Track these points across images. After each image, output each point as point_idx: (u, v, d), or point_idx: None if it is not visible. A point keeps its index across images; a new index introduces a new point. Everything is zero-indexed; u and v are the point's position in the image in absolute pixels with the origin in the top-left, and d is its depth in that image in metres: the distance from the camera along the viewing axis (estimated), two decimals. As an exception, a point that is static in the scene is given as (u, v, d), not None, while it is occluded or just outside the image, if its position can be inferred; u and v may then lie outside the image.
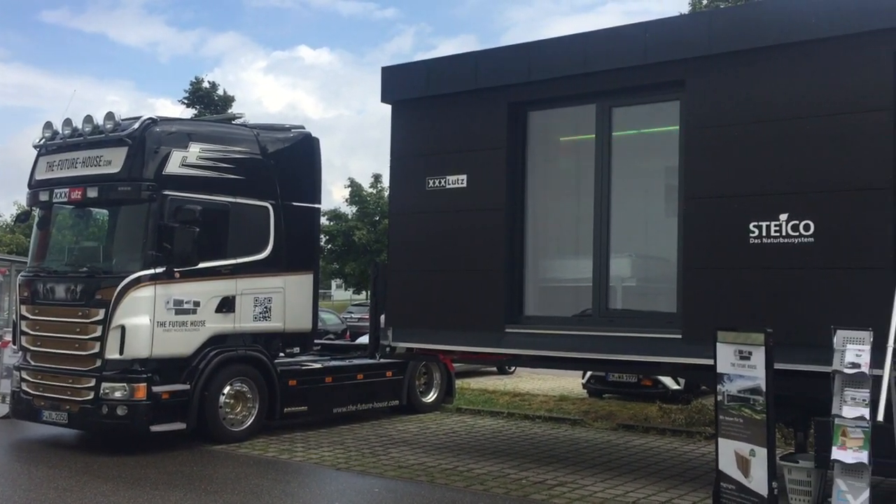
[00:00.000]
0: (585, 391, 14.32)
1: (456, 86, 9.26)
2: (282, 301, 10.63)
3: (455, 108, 9.28)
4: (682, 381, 12.80)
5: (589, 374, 13.91)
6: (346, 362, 11.87)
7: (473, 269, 8.96)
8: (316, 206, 11.65)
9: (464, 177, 9.12)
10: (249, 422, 10.10)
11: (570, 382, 15.38)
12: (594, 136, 8.64)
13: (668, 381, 13.15)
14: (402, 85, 9.75)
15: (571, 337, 8.45)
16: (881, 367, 6.01)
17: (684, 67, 7.81)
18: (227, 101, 43.16)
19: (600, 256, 8.53)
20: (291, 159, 11.18)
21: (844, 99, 7.02)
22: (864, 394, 6.02)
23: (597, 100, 8.55)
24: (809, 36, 7.15)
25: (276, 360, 10.66)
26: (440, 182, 9.26)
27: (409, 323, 9.34)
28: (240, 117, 11.97)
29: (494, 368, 18.15)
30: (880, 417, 5.82)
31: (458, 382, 14.37)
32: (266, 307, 10.46)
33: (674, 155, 8.14)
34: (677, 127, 8.07)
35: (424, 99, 9.51)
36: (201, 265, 9.76)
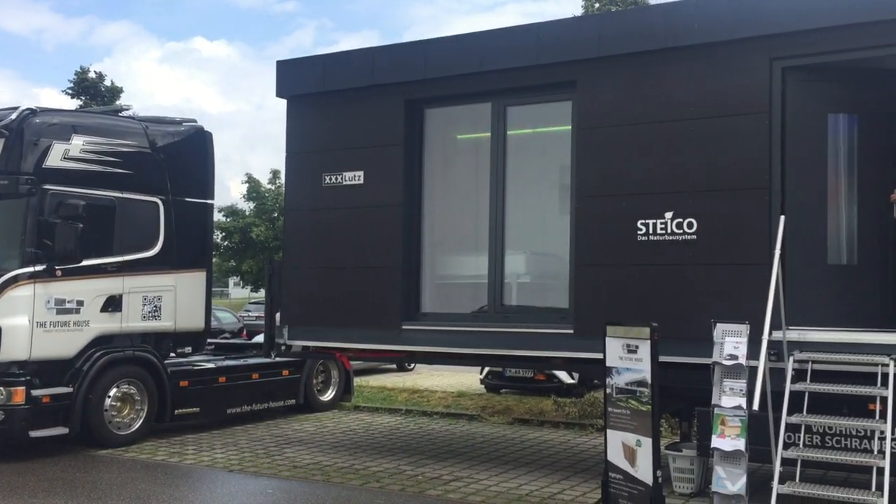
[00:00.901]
0: (483, 387, 14.50)
1: (352, 81, 9.20)
2: (172, 299, 10.31)
3: (352, 104, 9.22)
4: (576, 375, 13.12)
5: (486, 369, 14.10)
6: (241, 362, 11.63)
7: (370, 266, 8.92)
8: (209, 201, 11.33)
9: (360, 173, 9.08)
10: (137, 425, 9.76)
11: (469, 378, 15.54)
12: (490, 134, 8.75)
13: (562, 375, 13.44)
14: (297, 79, 9.61)
15: (468, 333, 8.52)
16: (757, 358, 6.32)
17: (575, 68, 7.99)
18: (115, 92, 41.58)
19: (496, 253, 8.64)
20: (183, 154, 10.84)
21: (725, 102, 7.33)
22: (742, 384, 6.31)
23: (492, 98, 8.65)
24: (692, 41, 7.44)
25: (167, 361, 10.33)
26: (337, 178, 9.18)
27: (304, 321, 9.23)
28: (127, 109, 11.54)
29: (394, 366, 18.13)
30: (756, 406, 6.11)
31: (357, 380, 14.30)
32: (155, 306, 10.13)
33: (567, 154, 8.31)
34: (570, 127, 8.26)
35: (321, 94, 9.40)
36: (85, 263, 9.36)
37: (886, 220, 7.32)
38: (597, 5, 20.63)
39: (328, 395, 12.65)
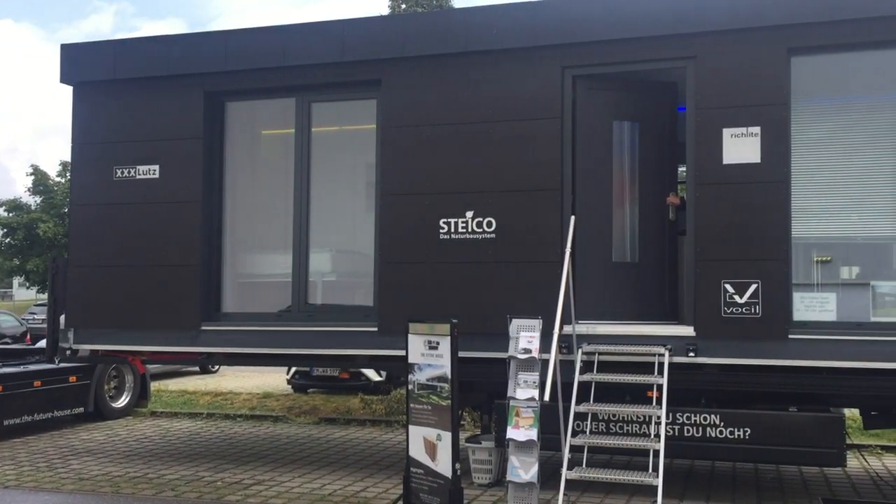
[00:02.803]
0: (290, 387, 14.26)
1: (148, 70, 8.72)
2: (-62, 302, 9.30)
3: (147, 94, 8.73)
4: (384, 372, 13.20)
5: (293, 369, 13.87)
6: (20, 368, 10.71)
7: (166, 264, 8.49)
8: (-16, 194, 10.35)
9: (156, 167, 8.63)
10: None
11: (276, 379, 15.22)
12: (294, 130, 8.60)
13: (370, 373, 13.48)
14: (85, 65, 8.96)
15: (271, 333, 8.34)
16: (549, 351, 6.64)
17: (380, 68, 8.03)
18: None
19: (300, 251, 8.51)
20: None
21: (522, 106, 7.64)
22: (535, 377, 6.60)
23: (296, 94, 8.51)
24: (491, 46, 7.69)
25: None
26: (129, 172, 8.67)
27: (92, 323, 8.64)
28: None
29: (197, 368, 17.44)
30: (547, 398, 6.42)
31: (156, 384, 13.62)
32: (-83, 309, 9.09)
33: (372, 152, 8.33)
34: (374, 125, 8.28)
35: (112, 82, 8.83)
36: None
37: (664, 221, 7.94)
38: (403, 6, 20.84)
39: (122, 402, 11.93)
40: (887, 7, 6.73)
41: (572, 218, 7.32)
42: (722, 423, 7.06)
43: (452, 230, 7.76)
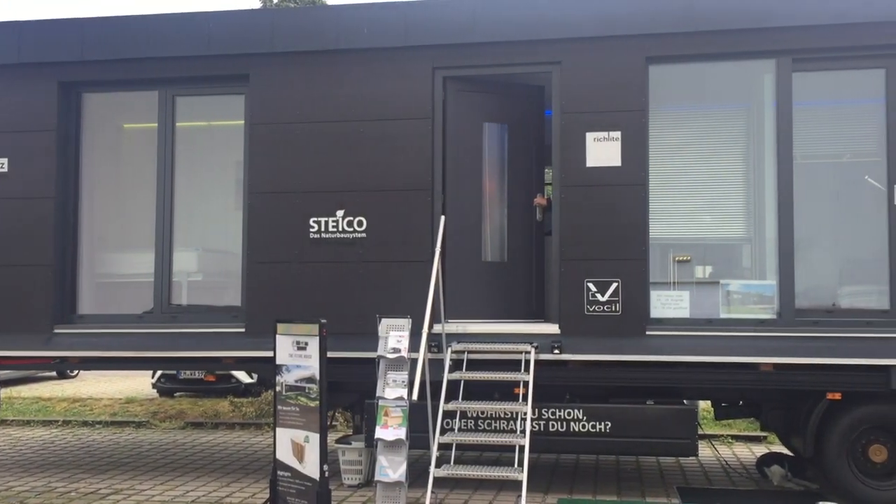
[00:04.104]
0: (156, 391, 13.72)
1: (-7, 57, 8.19)
2: None
3: (-7, 83, 8.19)
4: (255, 374, 12.91)
5: (159, 372, 13.35)
6: None
7: (14, 263, 8.00)
8: None
9: (4, 161, 8.12)
10: None
11: (140, 383, 14.65)
12: (157, 124, 8.27)
13: (241, 375, 13.15)
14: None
15: (132, 335, 7.99)
16: (418, 350, 6.67)
17: (248, 62, 7.84)
18: None
19: (163, 250, 8.20)
20: None
21: (393, 106, 7.63)
22: (404, 376, 6.61)
23: (159, 87, 8.20)
24: (363, 45, 7.65)
25: None
26: (-27, 166, 8.12)
27: (-72, 327, 8.03)
28: None
29: (54, 373, 16.52)
30: (415, 397, 6.44)
31: (6, 391, 12.82)
32: None
33: (241, 149, 8.13)
34: (243, 121, 8.08)
35: (-50, 68, 8.24)
36: None
37: (532, 222, 8.13)
38: (275, 0, 20.50)
39: (-32, 411, 11.16)
40: (737, 20, 7.14)
41: (442, 218, 7.38)
42: (584, 418, 7.29)
43: (323, 229, 7.68)
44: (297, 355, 6.72)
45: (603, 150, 7.28)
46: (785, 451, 8.24)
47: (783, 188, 7.15)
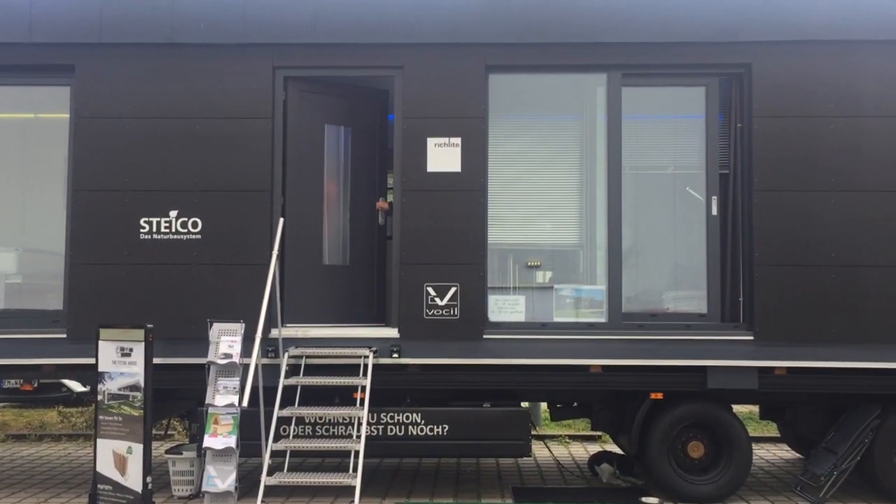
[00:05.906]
0: (-25, 402, 12.72)
1: None
2: None
3: None
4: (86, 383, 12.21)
5: (-20, 382, 12.40)
6: None
7: None
8: None
9: None
10: None
11: (-42, 394, 13.50)
12: (-28, 114, 7.70)
13: (73, 383, 12.40)
14: None
15: (-61, 342, 7.36)
16: (251, 355, 6.49)
17: (74, 53, 7.41)
18: None
19: (-24, 250, 7.62)
20: None
21: (232, 104, 7.40)
22: (235, 382, 6.43)
23: (-25, 75, 7.62)
24: (199, 40, 7.38)
25: None
26: None
27: None
28: None
29: None
30: (245, 403, 6.26)
31: None
32: None
33: (66, 144, 7.66)
34: (68, 114, 7.63)
35: None
36: None
37: (374, 225, 8.11)
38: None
39: None
40: (572, 34, 7.39)
41: (281, 220, 7.24)
42: (423, 421, 7.32)
43: (154, 230, 7.35)
44: (121, 362, 6.43)
45: (443, 156, 7.35)
46: (616, 449, 8.59)
47: (612, 197, 7.46)
